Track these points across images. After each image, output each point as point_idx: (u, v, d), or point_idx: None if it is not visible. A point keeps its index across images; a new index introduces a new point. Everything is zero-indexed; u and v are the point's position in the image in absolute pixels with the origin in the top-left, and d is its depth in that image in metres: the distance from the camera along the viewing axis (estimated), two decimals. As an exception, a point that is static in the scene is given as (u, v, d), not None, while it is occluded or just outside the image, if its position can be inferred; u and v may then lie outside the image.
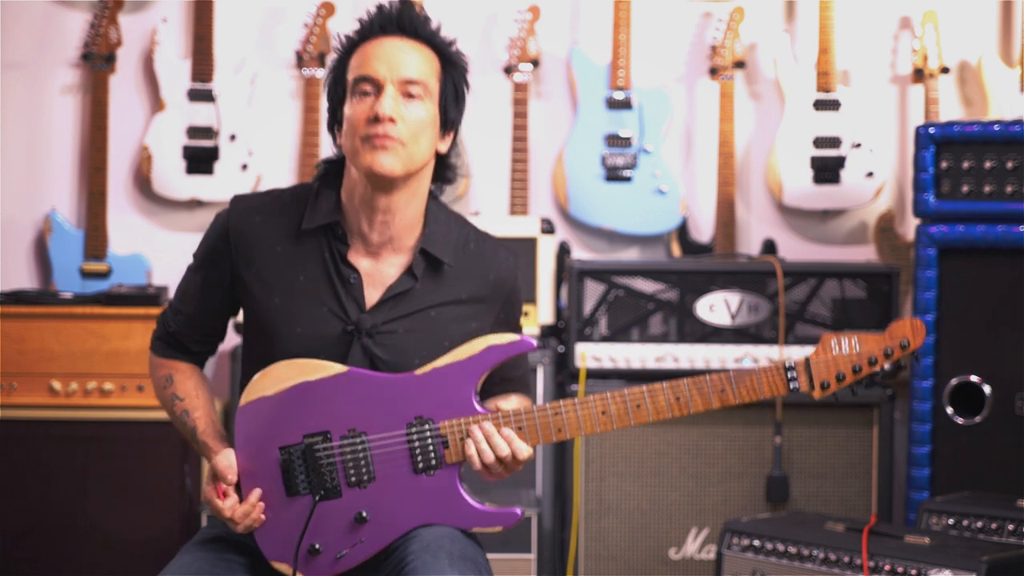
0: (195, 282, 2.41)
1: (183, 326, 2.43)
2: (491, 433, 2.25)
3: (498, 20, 4.46)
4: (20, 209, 4.39)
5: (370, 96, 2.27)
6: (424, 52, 2.31)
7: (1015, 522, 3.23)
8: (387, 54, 2.28)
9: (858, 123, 4.35)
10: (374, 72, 2.27)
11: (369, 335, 2.31)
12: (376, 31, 2.31)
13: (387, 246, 2.34)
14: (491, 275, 2.39)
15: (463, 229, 2.41)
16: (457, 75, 2.36)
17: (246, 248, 2.34)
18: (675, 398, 2.27)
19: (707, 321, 3.90)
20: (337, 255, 2.33)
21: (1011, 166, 3.67)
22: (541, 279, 4.05)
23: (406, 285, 2.33)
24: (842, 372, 2.26)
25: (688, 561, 3.86)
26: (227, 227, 2.36)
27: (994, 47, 4.45)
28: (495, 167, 4.42)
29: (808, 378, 2.27)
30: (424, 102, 2.29)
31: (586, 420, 2.27)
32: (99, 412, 3.87)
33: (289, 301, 2.32)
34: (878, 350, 2.26)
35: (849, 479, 3.86)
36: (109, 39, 4.31)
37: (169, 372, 2.44)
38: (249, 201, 2.38)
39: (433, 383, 2.27)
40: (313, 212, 2.34)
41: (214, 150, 4.32)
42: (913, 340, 2.26)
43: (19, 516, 3.84)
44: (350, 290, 2.32)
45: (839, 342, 2.26)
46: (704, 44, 4.47)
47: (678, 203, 4.38)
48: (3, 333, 3.85)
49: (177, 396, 2.41)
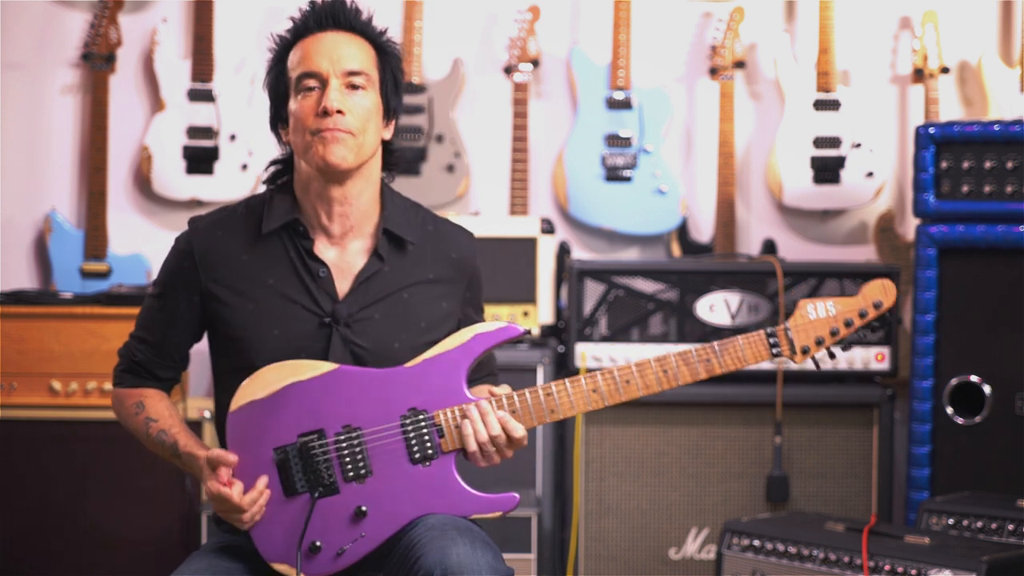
0: (159, 307, 2.41)
1: (149, 354, 2.43)
2: (487, 412, 2.27)
3: (498, 20, 4.46)
4: (20, 209, 4.39)
5: (315, 91, 2.31)
6: (361, 43, 2.35)
7: (1015, 522, 3.23)
8: (327, 48, 2.32)
9: (858, 123, 4.35)
10: (317, 67, 2.31)
11: (347, 324, 2.33)
12: (312, 27, 2.34)
13: (349, 235, 2.37)
14: (453, 254, 2.42)
15: (419, 212, 2.45)
16: (394, 63, 2.39)
17: (212, 264, 2.36)
18: (663, 371, 2.32)
19: (707, 321, 3.90)
20: (303, 251, 2.36)
21: (1011, 166, 3.67)
22: (541, 279, 4.05)
23: (374, 267, 2.36)
24: (820, 336, 2.32)
25: (688, 561, 3.86)
26: (190, 248, 2.37)
27: (994, 47, 4.45)
28: (495, 167, 4.42)
29: (789, 343, 2.32)
30: (368, 91, 2.33)
31: (578, 399, 2.31)
32: (99, 412, 3.87)
33: (262, 305, 2.34)
34: (853, 312, 2.32)
35: (849, 479, 3.86)
36: (109, 39, 4.31)
37: (138, 399, 2.43)
38: (207, 220, 2.41)
39: (424, 374, 2.30)
40: (270, 214, 2.37)
41: (214, 150, 4.32)
42: (886, 300, 2.32)
43: (19, 516, 3.83)
44: (321, 283, 2.34)
45: (815, 307, 2.32)
46: (704, 44, 4.47)
47: (678, 203, 4.38)
48: (3, 333, 3.85)
49: (151, 419, 2.40)
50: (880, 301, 2.32)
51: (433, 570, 2.14)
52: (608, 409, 3.84)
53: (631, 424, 3.86)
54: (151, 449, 2.41)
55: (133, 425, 2.43)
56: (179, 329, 2.41)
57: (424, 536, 2.19)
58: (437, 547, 2.16)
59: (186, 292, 2.38)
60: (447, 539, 2.17)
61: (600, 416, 3.85)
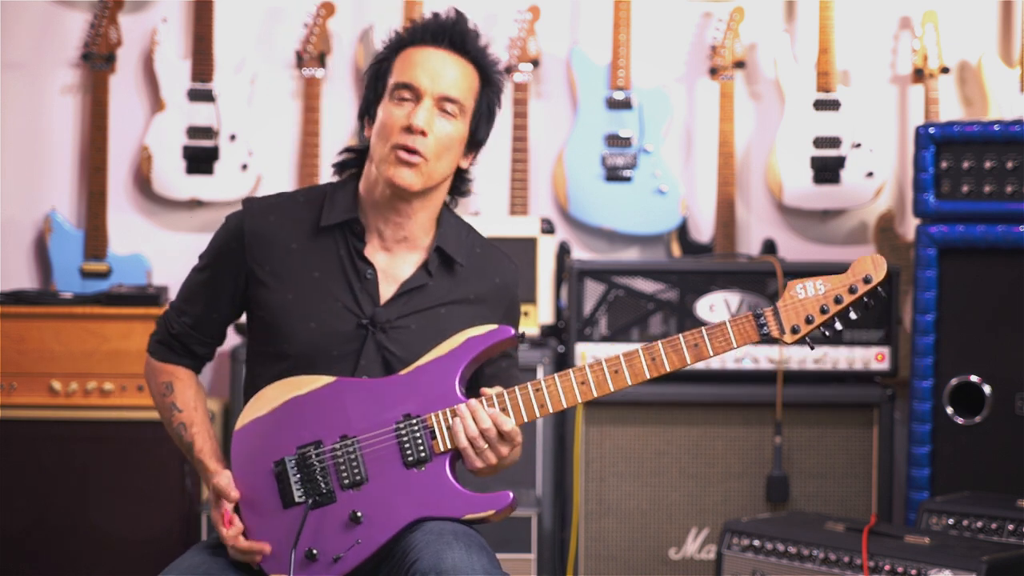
0: (202, 281, 2.42)
1: (188, 327, 2.43)
2: (476, 408, 2.27)
3: (498, 20, 4.46)
4: (20, 209, 4.39)
5: (408, 103, 2.32)
6: (467, 69, 2.36)
7: (1015, 522, 3.23)
8: (432, 65, 2.33)
9: (858, 123, 4.35)
10: (416, 81, 2.31)
11: (383, 330, 2.34)
12: (427, 39, 2.35)
13: (402, 244, 2.38)
14: (496, 278, 2.44)
15: (470, 234, 2.47)
16: (493, 94, 2.40)
17: (261, 247, 2.36)
18: (651, 359, 2.29)
19: (707, 321, 3.90)
20: (354, 251, 2.37)
21: (1011, 166, 3.67)
22: (541, 279, 4.05)
23: (421, 281, 2.37)
24: (811, 315, 2.27)
25: (688, 561, 3.86)
26: (241, 227, 2.38)
27: (994, 47, 4.45)
28: (495, 167, 4.42)
29: (778, 323, 2.27)
30: (456, 120, 2.34)
31: (567, 391, 2.29)
32: (99, 412, 3.87)
33: (303, 296, 2.35)
34: (843, 288, 2.27)
35: (849, 479, 3.86)
36: (109, 39, 4.30)
37: (169, 379, 2.44)
38: (263, 202, 2.41)
39: (418, 380, 2.31)
40: (331, 209, 2.38)
41: (214, 150, 4.32)
42: (875, 274, 2.27)
43: (19, 516, 3.84)
44: (365, 285, 2.36)
45: (804, 286, 2.28)
46: (704, 44, 4.47)
47: (678, 203, 4.38)
48: (3, 333, 3.85)
49: (176, 407, 2.42)
50: (870, 275, 2.27)
51: (428, 574, 2.14)
52: (608, 409, 3.86)
53: (631, 424, 3.86)
54: (169, 433, 2.44)
55: (159, 403, 2.46)
56: (221, 304, 2.41)
57: (420, 540, 2.20)
58: (432, 551, 2.16)
59: (232, 270, 2.38)
60: (443, 543, 2.17)
61: (600, 416, 3.85)
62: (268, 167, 4.39)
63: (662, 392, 3.85)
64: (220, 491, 2.30)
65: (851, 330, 3.90)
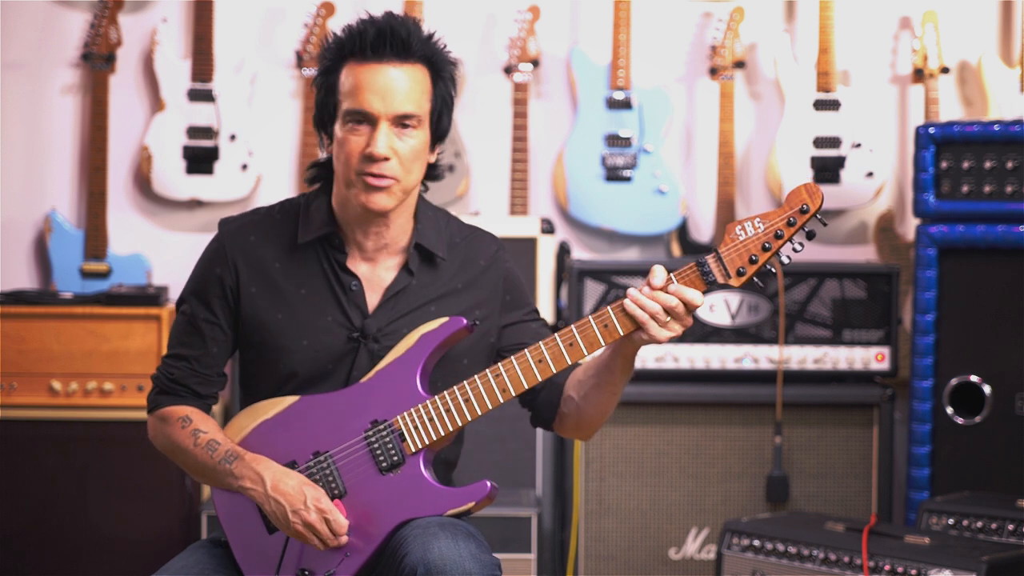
0: (192, 317, 2.36)
1: (187, 370, 2.37)
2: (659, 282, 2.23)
3: (498, 20, 4.46)
4: (20, 209, 4.39)
5: (363, 127, 2.26)
6: (416, 73, 2.28)
7: (1015, 522, 3.23)
8: (379, 85, 2.25)
9: (858, 123, 4.35)
10: (368, 106, 2.25)
11: (375, 340, 2.33)
12: (368, 53, 2.27)
13: (383, 251, 2.36)
14: (481, 261, 2.41)
15: (448, 223, 2.43)
16: (447, 83, 2.33)
17: (246, 268, 2.34)
18: (603, 325, 2.24)
19: (707, 321, 3.90)
20: (336, 264, 2.34)
21: (1011, 166, 3.67)
22: (541, 279, 4.05)
23: (404, 282, 2.35)
24: (754, 255, 2.21)
25: (688, 561, 3.86)
26: (223, 250, 2.35)
27: (994, 47, 4.45)
28: (495, 167, 4.42)
29: (722, 268, 2.22)
30: (417, 130, 2.29)
31: (525, 372, 2.26)
32: (99, 412, 3.87)
33: (292, 315, 2.33)
34: (781, 223, 2.21)
35: (849, 479, 3.86)
36: (109, 39, 4.30)
37: (184, 414, 2.35)
38: (239, 221, 2.38)
39: (380, 385, 2.30)
40: (307, 225, 2.35)
41: (214, 150, 4.32)
42: (811, 203, 2.21)
43: (19, 516, 3.84)
44: (352, 297, 2.34)
45: (743, 227, 2.22)
46: (704, 44, 4.47)
47: (678, 203, 4.38)
48: (3, 333, 3.85)
49: (200, 430, 2.32)
50: (807, 205, 2.21)
51: (416, 567, 2.14)
52: (608, 409, 3.86)
53: (631, 424, 3.86)
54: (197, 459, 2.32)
55: (178, 438, 2.34)
56: (217, 333, 2.36)
57: (408, 535, 2.20)
58: (419, 544, 2.16)
59: (220, 297, 2.35)
60: (429, 535, 2.17)
61: (600, 416, 3.85)
62: (268, 167, 4.39)
63: (662, 392, 3.85)
64: (326, 512, 2.24)
65: (851, 330, 3.90)
